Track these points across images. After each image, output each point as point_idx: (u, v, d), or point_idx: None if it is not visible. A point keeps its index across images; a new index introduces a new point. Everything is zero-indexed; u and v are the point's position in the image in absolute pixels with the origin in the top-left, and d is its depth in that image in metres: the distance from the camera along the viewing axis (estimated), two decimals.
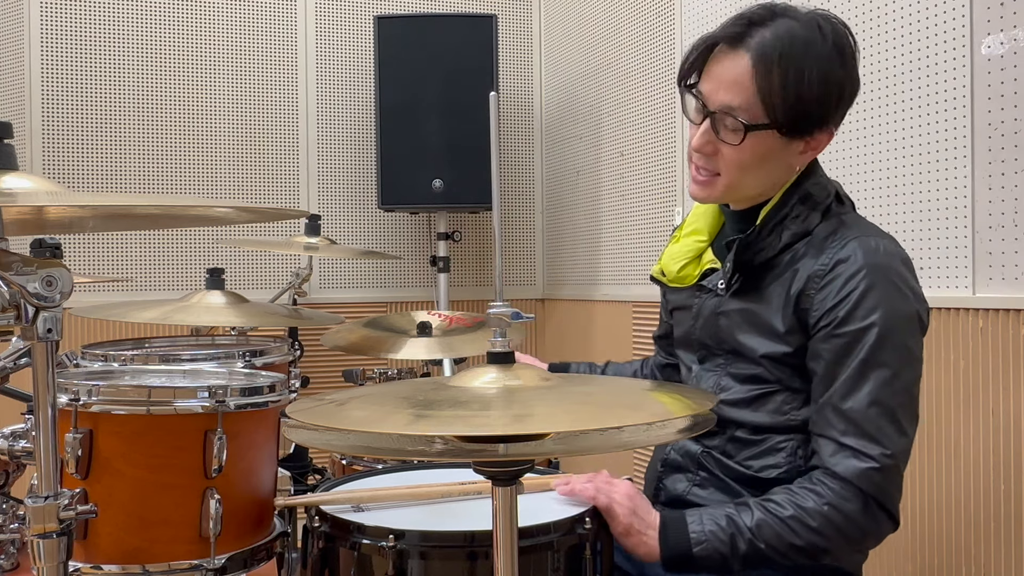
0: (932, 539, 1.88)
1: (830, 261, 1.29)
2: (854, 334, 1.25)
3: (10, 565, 1.35)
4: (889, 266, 1.28)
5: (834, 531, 1.24)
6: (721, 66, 1.30)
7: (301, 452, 2.42)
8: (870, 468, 1.24)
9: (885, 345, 1.25)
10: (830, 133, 1.33)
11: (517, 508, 0.93)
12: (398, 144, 3.35)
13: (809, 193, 1.35)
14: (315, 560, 1.25)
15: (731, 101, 1.28)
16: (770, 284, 1.35)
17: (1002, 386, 1.73)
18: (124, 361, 1.96)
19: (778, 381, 1.35)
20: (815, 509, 1.24)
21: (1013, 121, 1.70)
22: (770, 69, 1.25)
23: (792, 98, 1.26)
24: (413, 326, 2.26)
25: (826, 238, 1.32)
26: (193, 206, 1.35)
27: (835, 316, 1.26)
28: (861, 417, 1.24)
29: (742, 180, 1.34)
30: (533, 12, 3.86)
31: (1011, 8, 1.71)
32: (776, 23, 1.27)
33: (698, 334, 1.46)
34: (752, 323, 1.36)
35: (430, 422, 0.87)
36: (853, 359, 1.25)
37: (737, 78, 1.28)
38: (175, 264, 3.40)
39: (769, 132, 1.29)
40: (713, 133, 1.32)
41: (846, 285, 1.26)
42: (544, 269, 3.90)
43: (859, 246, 1.28)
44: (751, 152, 1.30)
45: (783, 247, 1.34)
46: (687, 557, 1.24)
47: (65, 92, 3.29)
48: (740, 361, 1.39)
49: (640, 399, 1.07)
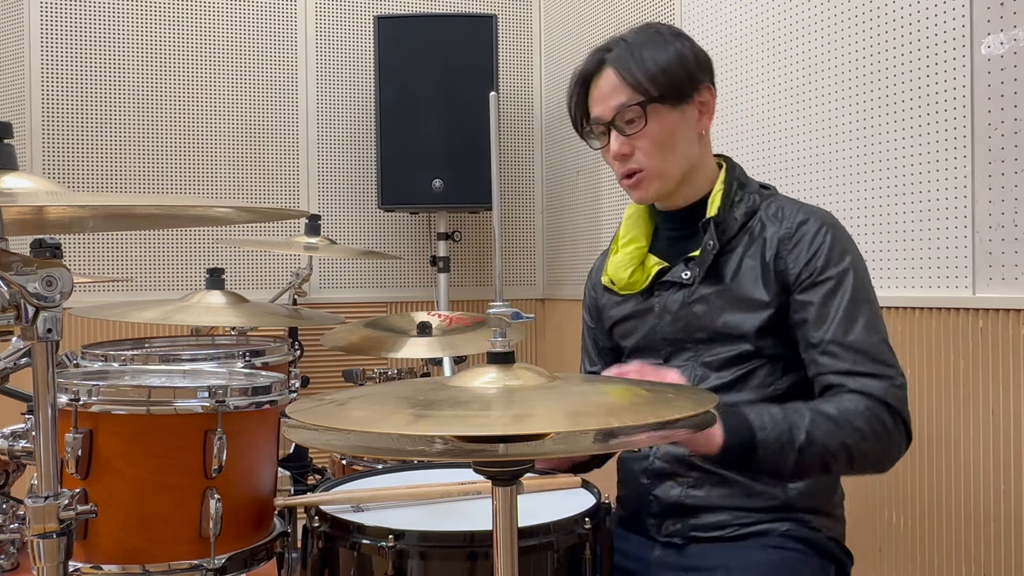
0: (932, 539, 1.88)
1: (793, 225, 1.43)
2: (836, 277, 1.39)
3: (10, 565, 1.35)
4: (838, 223, 1.46)
5: (875, 436, 1.32)
6: (598, 89, 1.49)
7: (301, 452, 2.42)
8: (892, 385, 1.35)
9: (861, 283, 1.40)
10: (711, 91, 1.50)
11: (517, 508, 0.93)
12: (398, 144, 3.35)
13: (741, 181, 1.51)
14: (315, 560, 1.25)
15: (621, 101, 1.45)
16: (738, 261, 1.46)
17: (1002, 386, 1.73)
18: (124, 361, 1.96)
19: (760, 354, 1.43)
20: (859, 412, 1.32)
21: (1013, 121, 1.70)
22: (629, 64, 1.46)
23: (657, 72, 1.44)
24: (413, 326, 2.26)
25: (776, 213, 1.46)
26: (193, 206, 1.35)
27: (814, 267, 1.40)
28: (866, 346, 1.36)
29: (664, 161, 1.47)
30: (533, 12, 3.86)
31: (1011, 8, 1.71)
32: (622, 38, 1.51)
33: (665, 331, 1.51)
34: (732, 300, 1.44)
35: (430, 422, 0.87)
36: (841, 299, 1.38)
37: (613, 85, 1.47)
38: (175, 264, 3.40)
39: (662, 107, 1.45)
40: (621, 135, 1.47)
41: (814, 240, 1.41)
42: (544, 269, 3.90)
43: (811, 211, 1.46)
44: (659, 131, 1.46)
45: (739, 226, 1.47)
46: (750, 444, 1.27)
47: (65, 92, 3.29)
48: (717, 345, 1.45)
49: (640, 399, 1.07)
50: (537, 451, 0.93)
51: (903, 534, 1.94)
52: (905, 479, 1.95)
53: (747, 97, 2.41)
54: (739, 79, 2.44)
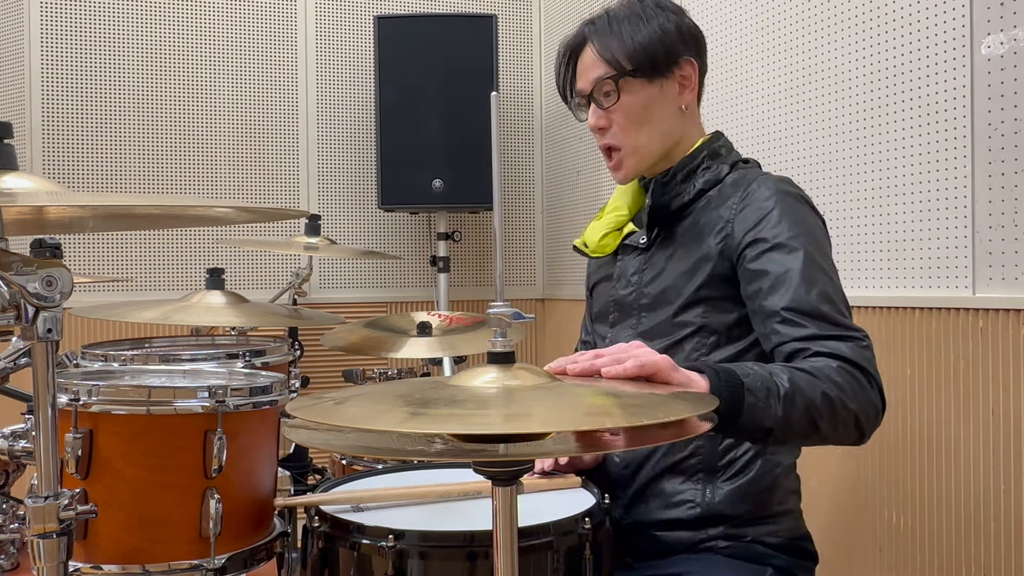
0: (932, 539, 1.88)
1: (744, 192, 1.41)
2: (787, 245, 1.33)
3: (10, 565, 1.35)
4: (792, 190, 1.41)
5: (852, 390, 1.22)
6: (582, 62, 1.51)
7: (301, 452, 2.42)
8: (859, 346, 1.26)
9: (815, 250, 1.34)
10: (693, 66, 1.49)
11: (517, 508, 0.93)
12: (398, 144, 3.35)
13: (716, 151, 1.50)
14: (315, 560, 1.25)
15: (596, 75, 1.47)
16: (689, 228, 1.45)
17: (1002, 386, 1.73)
18: (124, 361, 1.96)
19: (691, 323, 1.40)
20: (832, 368, 1.22)
21: (1013, 121, 1.70)
22: (607, 37, 1.47)
23: (633, 46, 1.45)
24: (413, 326, 2.26)
25: (736, 181, 1.45)
26: (193, 206, 1.35)
27: (759, 233, 1.35)
28: (827, 310, 1.29)
29: (638, 137, 1.48)
30: (533, 12, 3.86)
31: (1011, 8, 1.70)
32: (606, 11, 1.51)
33: (616, 295, 1.53)
34: (676, 266, 1.43)
35: (427, 420, 0.87)
36: (796, 263, 1.31)
37: (591, 60, 1.49)
38: (175, 264, 3.40)
39: (636, 81, 1.46)
40: (599, 108, 1.48)
41: (764, 204, 1.37)
42: (544, 269, 3.90)
43: (767, 178, 1.43)
44: (633, 105, 1.47)
45: (697, 193, 1.46)
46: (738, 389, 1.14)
47: (65, 92, 3.29)
48: (653, 312, 1.45)
49: (640, 399, 1.07)
50: (537, 451, 0.93)
51: (903, 534, 1.94)
52: (905, 479, 1.95)
53: (747, 97, 2.41)
54: (739, 79, 2.44)
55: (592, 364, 1.09)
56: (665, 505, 1.39)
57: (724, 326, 1.39)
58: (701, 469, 1.39)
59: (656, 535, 1.39)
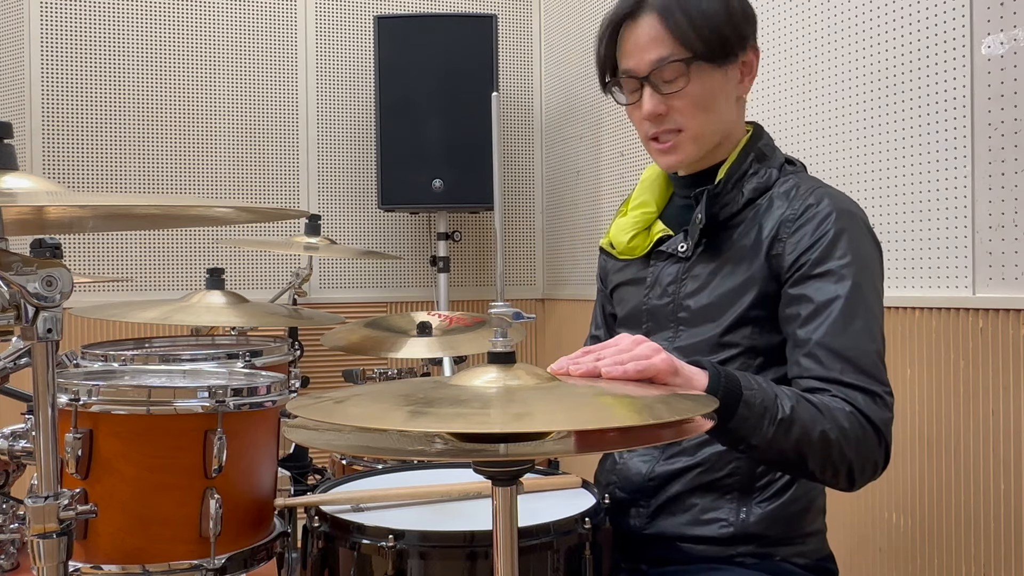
0: (932, 539, 1.88)
1: (800, 207, 1.30)
2: (837, 271, 1.25)
3: (10, 565, 1.35)
4: (855, 212, 1.31)
5: (856, 440, 1.18)
6: (634, 36, 1.34)
7: (301, 452, 2.42)
8: (877, 404, 1.21)
9: (865, 284, 1.25)
10: (756, 52, 1.38)
11: (517, 508, 0.93)
12: (398, 144, 3.35)
13: (763, 152, 1.39)
14: (315, 560, 1.25)
15: (661, 55, 1.31)
16: (738, 241, 1.34)
17: (1002, 386, 1.73)
18: (124, 361, 1.96)
19: (737, 345, 1.31)
20: (844, 412, 1.18)
21: (1013, 121, 1.70)
22: (675, 11, 1.30)
23: (705, 28, 1.30)
24: (413, 326, 2.26)
25: (788, 191, 1.34)
26: (193, 206, 1.35)
27: (811, 257, 1.26)
28: (857, 355, 1.22)
29: (704, 123, 1.35)
30: (533, 12, 3.86)
31: (1011, 8, 1.70)
32: None
33: (651, 303, 1.43)
34: (722, 282, 1.33)
35: (428, 419, 0.87)
36: (839, 299, 1.24)
37: (654, 35, 1.32)
38: (175, 264, 3.40)
39: (705, 66, 1.32)
40: (657, 93, 1.33)
41: (820, 227, 1.27)
42: (544, 269, 3.90)
43: (825, 193, 1.31)
44: (700, 92, 1.33)
45: (746, 202, 1.35)
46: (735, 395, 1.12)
47: (65, 92, 3.29)
48: (695, 328, 1.35)
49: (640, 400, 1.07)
50: (537, 451, 0.93)
51: (903, 534, 1.94)
52: (905, 479, 1.95)
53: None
54: None
55: (595, 367, 1.07)
56: (695, 521, 1.33)
57: (771, 348, 1.31)
58: (736, 488, 1.32)
59: (681, 546, 1.34)
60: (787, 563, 1.33)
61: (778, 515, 1.32)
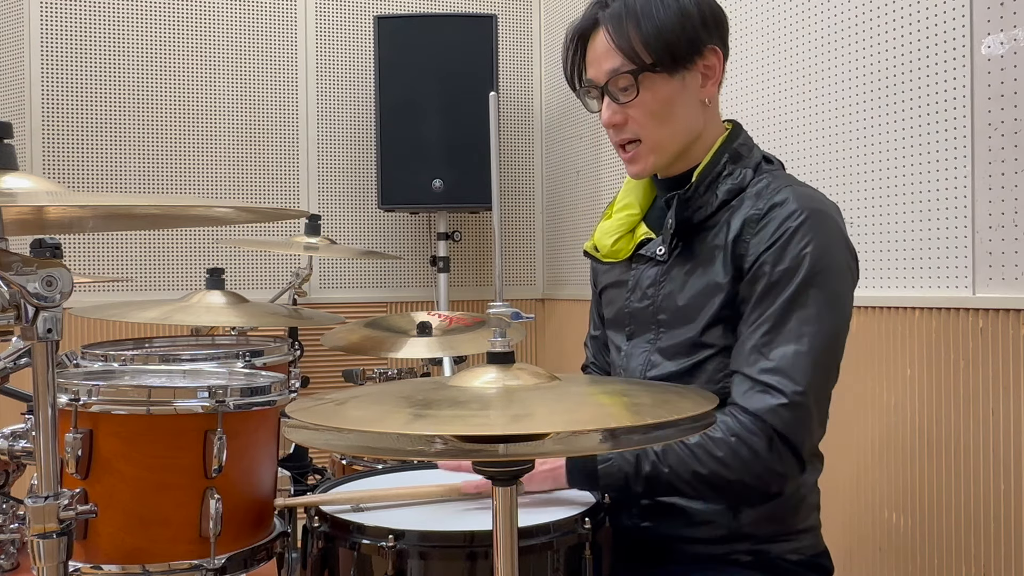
0: (932, 539, 1.88)
1: (765, 206, 1.31)
2: (783, 273, 1.26)
3: (10, 565, 1.35)
4: (824, 211, 1.31)
5: (739, 463, 1.23)
6: (593, 48, 1.39)
7: (301, 452, 2.42)
8: (779, 404, 1.23)
9: (813, 286, 1.26)
10: (717, 55, 1.37)
11: (517, 508, 0.93)
12: (398, 144, 3.35)
13: (738, 152, 1.39)
14: (315, 560, 1.25)
15: (612, 66, 1.35)
16: (710, 242, 1.35)
17: (1002, 386, 1.73)
18: (124, 361, 1.96)
19: (713, 345, 1.33)
20: (722, 439, 1.24)
21: (1013, 121, 1.70)
22: (622, 23, 1.34)
23: (651, 37, 1.32)
24: (413, 326, 2.26)
25: (760, 190, 1.34)
26: (193, 206, 1.35)
27: (767, 256, 1.27)
28: (779, 355, 1.24)
29: (659, 133, 1.37)
30: (533, 12, 3.86)
31: (1011, 8, 1.70)
32: None
33: (632, 307, 1.45)
34: (695, 283, 1.35)
35: (429, 422, 0.87)
36: (778, 297, 1.26)
37: (605, 48, 1.36)
38: (175, 264, 3.40)
39: (657, 76, 1.34)
40: (614, 103, 1.37)
41: (781, 226, 1.28)
42: (544, 269, 3.90)
43: (793, 192, 1.31)
44: (653, 101, 1.35)
45: (720, 204, 1.35)
46: (591, 472, 1.28)
47: (65, 92, 3.29)
48: (674, 330, 1.37)
49: (639, 400, 1.07)
50: (537, 451, 0.93)
51: (903, 534, 1.94)
52: (905, 479, 1.95)
53: (746, 97, 2.41)
54: (737, 78, 2.44)
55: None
56: (688, 523, 1.35)
57: None
58: None
59: (675, 547, 1.36)
60: (782, 560, 1.36)
61: (771, 514, 1.34)
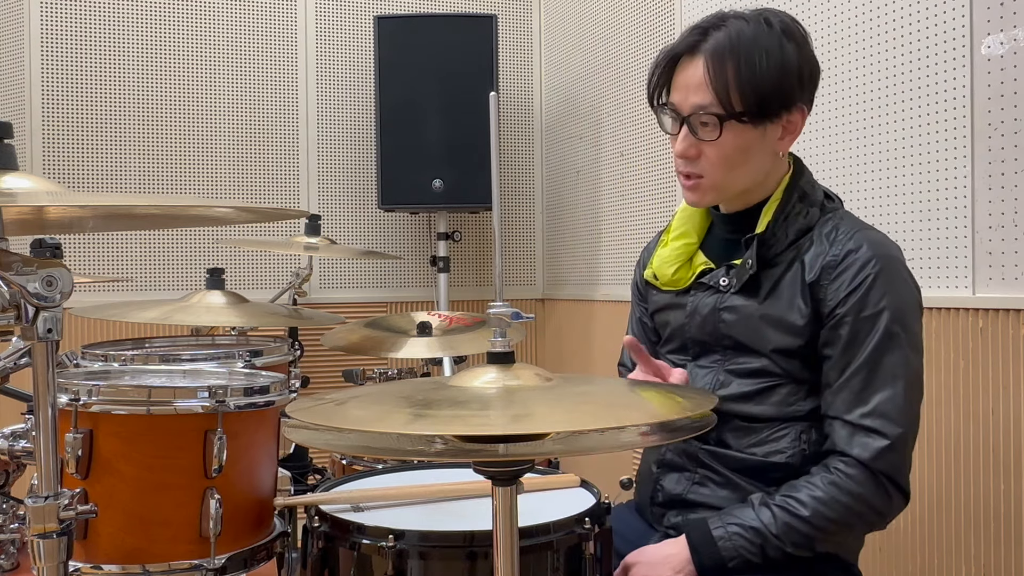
0: (932, 539, 1.88)
1: (841, 252, 1.34)
2: (869, 319, 1.31)
3: (10, 565, 1.35)
4: (894, 256, 1.36)
5: (854, 517, 1.30)
6: (684, 74, 1.38)
7: (301, 452, 2.42)
8: (884, 447, 1.29)
9: (897, 331, 1.32)
10: (802, 112, 1.39)
11: (517, 508, 0.93)
12: (398, 144, 3.35)
13: (804, 191, 1.42)
14: (315, 560, 1.25)
15: (700, 101, 1.35)
16: (778, 279, 1.38)
17: (1002, 386, 1.73)
18: (124, 361, 1.96)
19: (785, 374, 1.37)
20: (834, 499, 1.29)
21: (1013, 121, 1.70)
22: (723, 64, 1.33)
23: (748, 86, 1.33)
24: (413, 326, 2.26)
25: (829, 233, 1.38)
26: (193, 206, 1.35)
27: (849, 303, 1.32)
28: (877, 399, 1.30)
29: (727, 176, 1.39)
30: (533, 12, 3.86)
31: (1011, 8, 1.71)
32: (727, 24, 1.37)
33: (693, 332, 1.48)
34: (762, 318, 1.38)
35: (429, 421, 0.87)
36: (868, 343, 1.31)
37: (699, 80, 1.35)
38: (175, 264, 3.40)
39: (739, 124, 1.35)
40: (692, 136, 1.38)
41: (859, 274, 1.32)
42: (544, 269, 3.90)
43: (865, 238, 1.35)
44: (732, 146, 1.36)
45: (789, 243, 1.39)
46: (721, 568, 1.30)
47: (65, 92, 3.29)
48: (742, 356, 1.41)
49: (640, 400, 1.07)
50: (537, 451, 0.93)
51: (903, 534, 1.94)
52: None
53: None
54: None
55: None
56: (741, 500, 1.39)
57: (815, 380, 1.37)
58: None
59: None
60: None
61: None
